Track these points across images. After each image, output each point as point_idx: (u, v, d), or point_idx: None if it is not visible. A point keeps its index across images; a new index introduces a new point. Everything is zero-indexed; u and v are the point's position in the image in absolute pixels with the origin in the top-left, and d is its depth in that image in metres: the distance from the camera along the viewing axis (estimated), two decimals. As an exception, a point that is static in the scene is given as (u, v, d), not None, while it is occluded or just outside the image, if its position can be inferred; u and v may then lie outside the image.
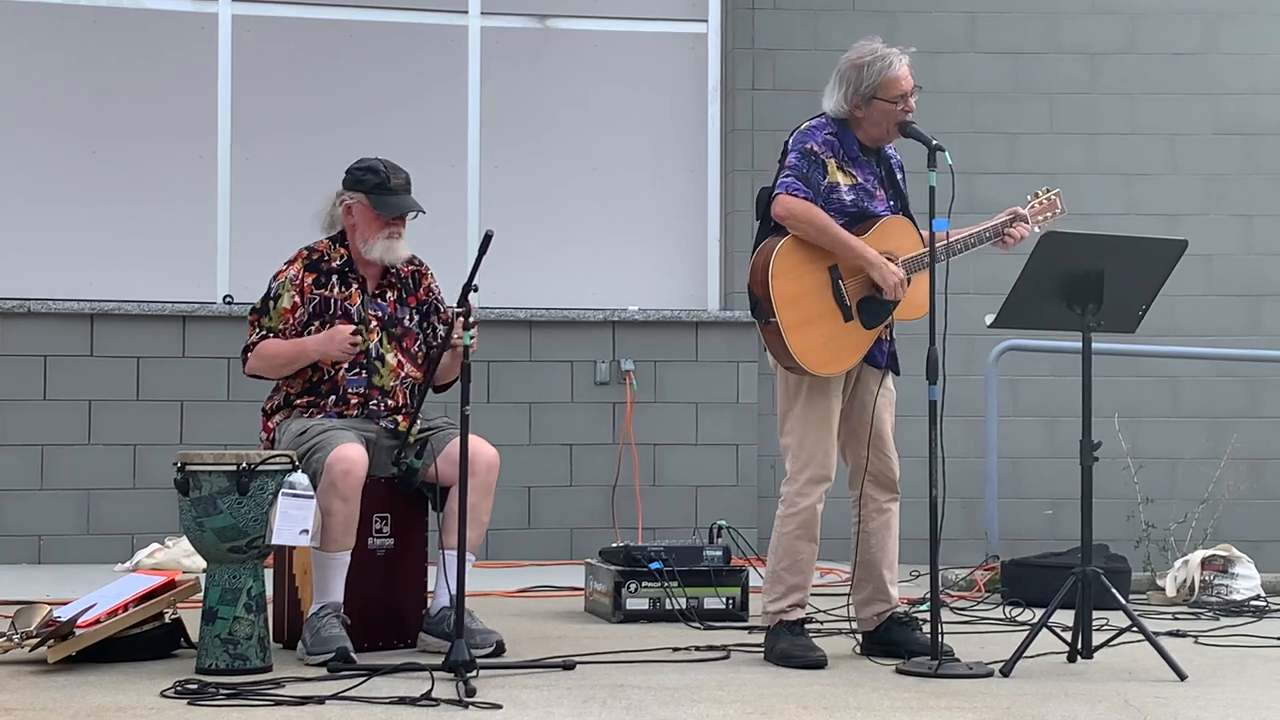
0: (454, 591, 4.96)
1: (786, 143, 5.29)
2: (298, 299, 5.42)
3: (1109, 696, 4.68)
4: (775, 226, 5.20)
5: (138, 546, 7.92)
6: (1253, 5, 9.37)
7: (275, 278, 5.47)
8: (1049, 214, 5.59)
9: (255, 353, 5.41)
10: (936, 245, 5.12)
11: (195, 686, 4.56)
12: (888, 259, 5.19)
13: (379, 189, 5.43)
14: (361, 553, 5.27)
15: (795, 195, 5.14)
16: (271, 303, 5.42)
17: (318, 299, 5.43)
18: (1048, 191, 5.63)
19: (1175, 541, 7.79)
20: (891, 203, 5.32)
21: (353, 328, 5.35)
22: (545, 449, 8.74)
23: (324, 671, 4.84)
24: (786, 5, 9.17)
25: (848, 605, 5.43)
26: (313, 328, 5.41)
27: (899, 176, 5.38)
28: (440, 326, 5.57)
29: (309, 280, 5.45)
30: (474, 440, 5.13)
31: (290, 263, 5.50)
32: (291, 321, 5.41)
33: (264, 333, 5.42)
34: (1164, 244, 5.42)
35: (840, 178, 5.22)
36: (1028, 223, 5.48)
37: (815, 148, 5.21)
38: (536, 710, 4.35)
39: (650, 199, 9.23)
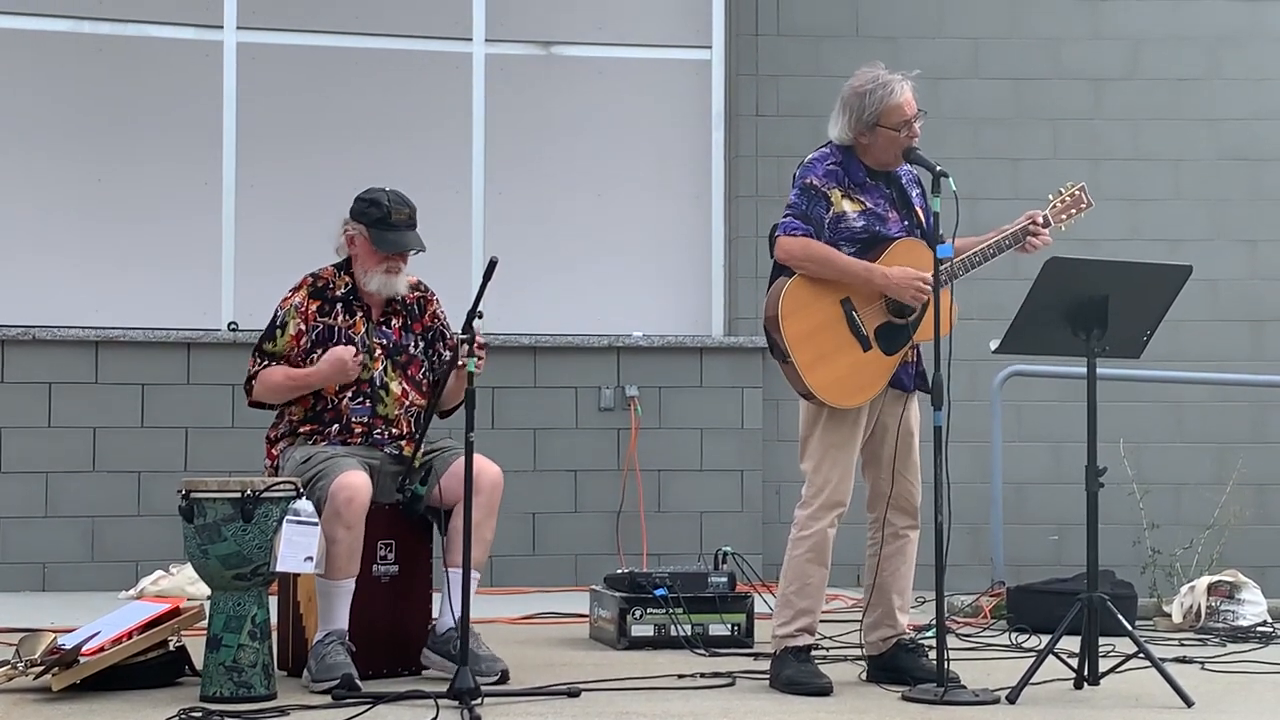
0: (459, 618, 4.96)
1: (794, 176, 5.30)
2: (303, 326, 5.42)
3: (1116, 723, 4.67)
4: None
5: (142, 574, 7.91)
6: (1255, 31, 9.38)
7: (281, 305, 5.48)
8: (1074, 210, 5.50)
9: (259, 381, 5.41)
10: (946, 266, 5.11)
11: (199, 714, 4.56)
12: None
13: (380, 224, 5.42)
14: (366, 579, 5.27)
15: (794, 234, 5.15)
16: (278, 330, 5.43)
17: (321, 327, 5.44)
18: (1071, 187, 5.53)
19: (1181, 567, 7.77)
20: (905, 223, 5.30)
21: (352, 350, 5.36)
22: (549, 475, 8.73)
23: (329, 699, 4.84)
24: (789, 32, 9.19)
25: (860, 630, 5.41)
26: (315, 355, 5.41)
27: (914, 193, 5.36)
28: (445, 352, 5.57)
29: (313, 308, 5.45)
30: (478, 459, 5.13)
31: (295, 290, 5.50)
32: (297, 349, 5.41)
33: (266, 361, 5.42)
34: (1168, 269, 5.43)
35: (848, 206, 5.22)
36: (1049, 225, 5.43)
37: (816, 181, 5.21)
38: (541, 738, 4.35)
39: (654, 225, 9.23)
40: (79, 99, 8.77)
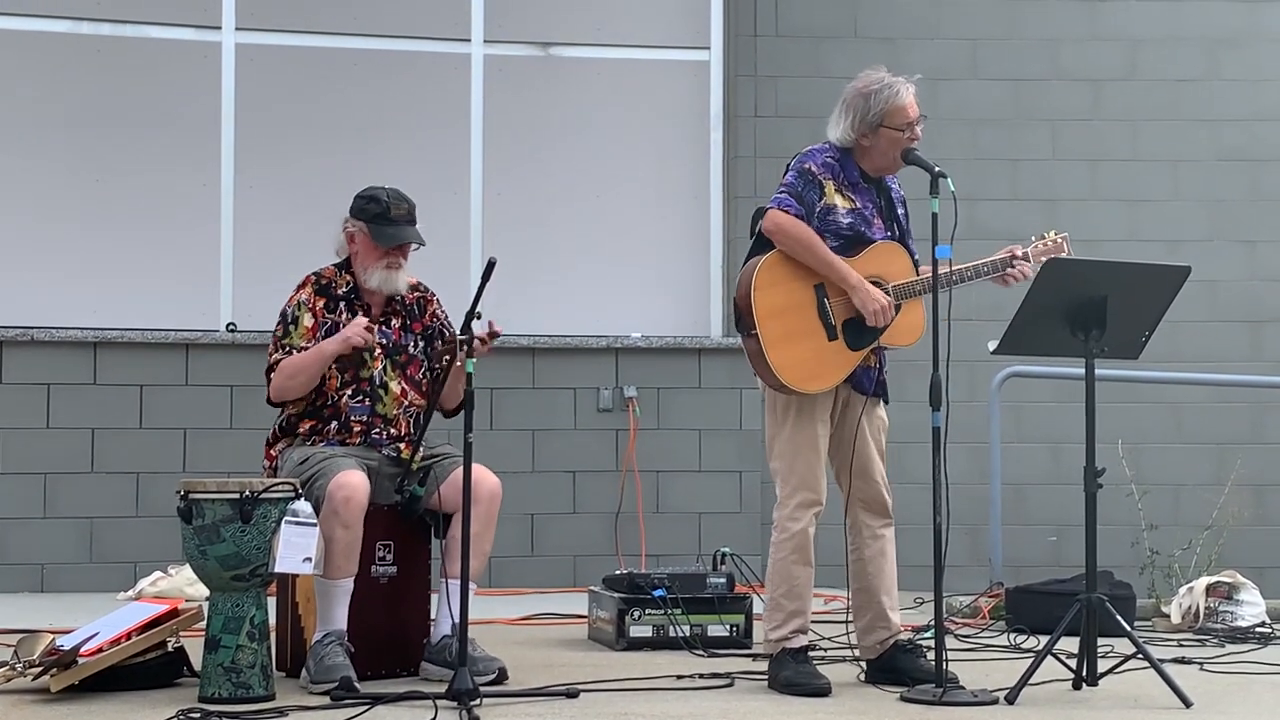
0: (456, 620, 4.96)
1: (788, 165, 5.32)
2: (314, 319, 5.44)
3: (1114, 724, 4.67)
4: (766, 243, 5.22)
5: (140, 575, 7.92)
6: (1253, 32, 9.38)
7: (288, 302, 5.48)
8: (1054, 255, 5.55)
9: (279, 370, 5.40)
10: (923, 280, 5.13)
11: (198, 715, 4.56)
12: (874, 284, 5.20)
13: (379, 219, 5.45)
14: (365, 580, 5.27)
15: (786, 211, 5.17)
16: (292, 325, 5.44)
17: (328, 323, 5.45)
18: (1055, 235, 5.58)
19: (1180, 568, 7.77)
20: (888, 232, 5.33)
21: (366, 320, 5.37)
22: (548, 476, 8.73)
23: (327, 700, 4.83)
24: (788, 33, 9.19)
25: (846, 633, 5.41)
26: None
27: (899, 210, 5.39)
28: (437, 342, 5.57)
29: (320, 304, 5.47)
30: (477, 469, 5.13)
31: (300, 287, 5.52)
32: (314, 341, 5.41)
33: (287, 349, 5.41)
34: (1167, 270, 5.43)
35: (838, 200, 5.24)
36: (1029, 262, 5.46)
37: (814, 168, 5.24)
38: (540, 738, 4.35)
39: (653, 226, 9.23)
40: (77, 100, 8.77)
